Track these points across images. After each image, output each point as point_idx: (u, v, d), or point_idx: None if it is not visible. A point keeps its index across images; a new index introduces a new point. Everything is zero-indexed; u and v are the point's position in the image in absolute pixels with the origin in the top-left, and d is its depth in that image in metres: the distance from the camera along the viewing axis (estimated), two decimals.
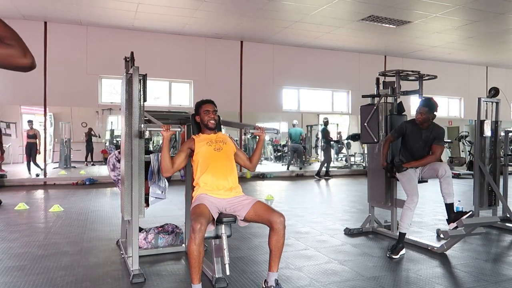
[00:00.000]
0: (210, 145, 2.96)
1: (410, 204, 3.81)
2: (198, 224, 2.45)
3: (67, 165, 12.12)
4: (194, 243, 2.44)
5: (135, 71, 3.09)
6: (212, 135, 3.06)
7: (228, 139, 3.13)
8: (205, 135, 3.06)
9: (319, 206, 6.62)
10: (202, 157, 2.92)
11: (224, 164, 2.93)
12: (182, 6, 7.94)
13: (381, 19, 8.47)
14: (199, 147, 2.95)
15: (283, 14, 8.39)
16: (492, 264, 3.53)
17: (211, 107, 3.08)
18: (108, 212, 5.77)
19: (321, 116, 12.79)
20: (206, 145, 2.95)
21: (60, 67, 9.06)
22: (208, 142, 2.97)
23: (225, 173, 2.91)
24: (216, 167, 2.90)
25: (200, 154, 2.94)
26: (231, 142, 3.11)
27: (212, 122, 3.04)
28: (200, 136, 3.06)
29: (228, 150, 3.03)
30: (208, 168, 2.88)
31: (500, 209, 5.08)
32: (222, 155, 2.96)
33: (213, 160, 2.91)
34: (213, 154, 2.94)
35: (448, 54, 11.75)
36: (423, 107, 3.87)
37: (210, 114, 3.04)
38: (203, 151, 2.93)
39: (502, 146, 5.61)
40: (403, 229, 3.82)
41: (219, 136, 3.10)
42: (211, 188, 2.84)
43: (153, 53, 9.61)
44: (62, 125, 13.25)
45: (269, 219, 2.62)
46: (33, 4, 7.82)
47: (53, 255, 3.69)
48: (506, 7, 7.66)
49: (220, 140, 3.04)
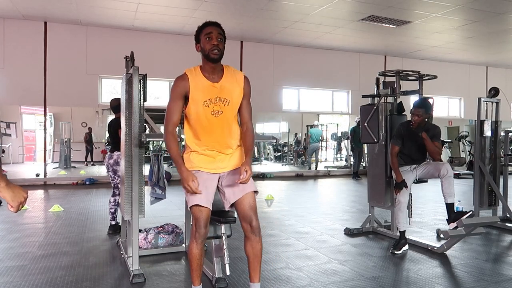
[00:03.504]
0: (207, 105, 2.27)
1: (398, 205, 3.92)
2: (199, 227, 2.28)
3: (67, 165, 12.12)
4: (195, 245, 2.32)
5: (135, 71, 3.09)
6: (215, 83, 2.28)
7: (238, 85, 2.35)
8: (203, 79, 2.27)
9: (319, 206, 6.62)
10: (194, 119, 2.31)
11: (222, 132, 2.34)
12: (182, 6, 7.94)
13: (381, 19, 8.47)
14: (194, 98, 2.26)
15: (283, 14, 8.39)
16: (492, 264, 3.53)
17: (215, 31, 2.27)
18: (108, 212, 5.76)
19: (321, 116, 12.81)
20: (202, 104, 2.26)
21: (60, 67, 9.06)
22: (207, 101, 2.26)
23: (223, 141, 2.36)
24: (212, 136, 2.33)
25: (192, 111, 2.28)
26: (240, 90, 2.36)
27: (215, 52, 2.24)
28: (197, 77, 2.27)
29: (232, 110, 2.34)
30: (202, 135, 2.33)
31: (500, 209, 5.08)
32: (221, 121, 2.32)
33: (208, 128, 2.31)
34: (209, 120, 2.29)
35: (448, 54, 11.75)
36: (419, 108, 3.83)
37: (213, 40, 2.24)
38: (197, 111, 2.27)
39: (502, 146, 5.61)
40: (401, 227, 3.93)
41: (224, 87, 2.30)
42: (205, 161, 2.35)
43: (153, 53, 9.60)
44: (62, 125, 13.25)
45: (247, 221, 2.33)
46: (33, 4, 7.82)
47: (53, 255, 3.69)
48: (506, 7, 7.66)
49: (225, 94, 2.30)
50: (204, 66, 2.31)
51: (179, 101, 2.27)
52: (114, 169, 4.40)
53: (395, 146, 4.01)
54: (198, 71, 2.29)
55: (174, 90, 2.27)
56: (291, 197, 7.92)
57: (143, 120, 3.20)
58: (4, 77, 8.74)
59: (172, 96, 2.28)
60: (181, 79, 2.27)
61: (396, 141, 4.01)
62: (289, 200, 7.33)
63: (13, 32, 8.73)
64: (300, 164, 13.12)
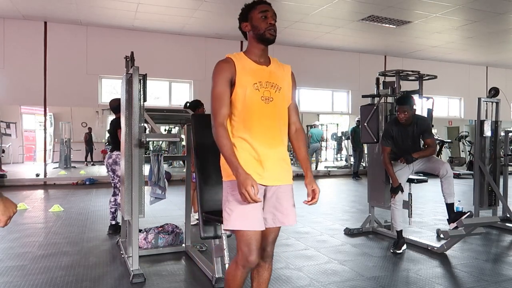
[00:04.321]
0: (257, 88, 1.90)
1: (394, 203, 3.92)
2: (252, 254, 1.85)
3: (67, 165, 12.13)
4: (240, 273, 1.90)
5: (135, 71, 3.09)
6: (263, 66, 1.96)
7: (287, 76, 2.05)
8: (250, 62, 1.94)
9: (319, 206, 6.61)
10: (242, 106, 1.89)
11: (273, 123, 1.93)
12: (182, 6, 7.94)
13: (381, 19, 8.47)
14: (241, 81, 1.88)
15: (283, 14, 8.39)
16: (492, 264, 3.53)
17: (271, 10, 1.96)
18: (108, 212, 5.76)
19: (321, 116, 12.81)
20: (252, 87, 1.89)
21: (60, 67, 9.06)
22: (257, 83, 1.90)
23: (275, 134, 1.94)
24: (263, 126, 1.90)
25: (240, 97, 1.88)
26: (289, 82, 2.04)
27: (272, 32, 1.93)
28: (243, 59, 1.94)
29: (283, 99, 1.99)
30: (252, 124, 1.89)
31: (500, 209, 5.08)
32: (273, 109, 1.93)
33: (258, 116, 1.90)
34: (259, 106, 1.90)
35: (448, 54, 11.75)
36: (404, 106, 3.78)
37: (269, 19, 1.92)
38: (246, 95, 1.88)
39: (502, 146, 5.61)
40: (397, 227, 3.94)
41: (274, 72, 1.99)
42: (254, 165, 1.87)
43: (153, 53, 9.60)
44: (62, 125, 13.26)
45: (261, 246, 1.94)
46: (33, 4, 7.82)
47: (53, 255, 3.69)
48: (506, 7, 7.66)
49: (275, 79, 1.97)
50: (252, 50, 1.97)
51: (226, 86, 1.88)
52: (113, 168, 4.41)
53: (386, 147, 3.95)
54: (243, 55, 1.96)
55: (219, 74, 1.89)
56: None
57: (143, 120, 3.19)
58: (4, 77, 8.74)
59: (217, 81, 1.88)
60: (225, 62, 1.91)
61: (386, 142, 3.96)
62: None
63: (13, 32, 8.73)
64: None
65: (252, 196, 1.73)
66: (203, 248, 3.86)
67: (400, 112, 3.81)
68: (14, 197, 6.93)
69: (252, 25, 1.94)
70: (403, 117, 3.79)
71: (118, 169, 4.35)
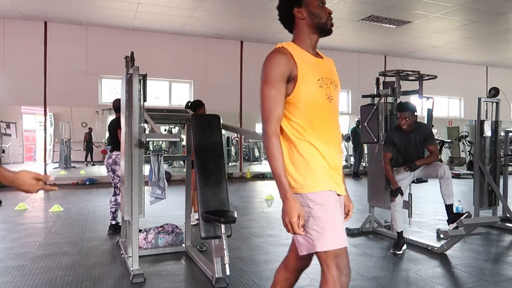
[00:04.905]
0: (321, 85, 1.63)
1: (394, 206, 3.91)
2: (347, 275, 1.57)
3: (67, 165, 12.14)
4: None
5: (135, 71, 3.09)
6: (319, 59, 1.71)
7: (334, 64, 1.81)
8: (307, 54, 1.66)
9: None
10: (308, 105, 1.60)
11: (336, 126, 1.71)
12: (182, 6, 7.94)
13: (381, 19, 8.47)
14: (305, 76, 1.59)
15: None
16: (492, 264, 3.53)
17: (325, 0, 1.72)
18: (108, 212, 5.76)
19: None
20: (316, 84, 1.62)
21: (60, 67, 9.06)
22: (320, 80, 1.63)
23: (339, 138, 1.71)
24: (329, 131, 1.65)
25: (304, 94, 1.59)
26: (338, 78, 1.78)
27: (332, 23, 1.70)
28: (298, 50, 1.64)
29: (338, 97, 1.76)
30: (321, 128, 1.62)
31: (500, 209, 5.08)
32: (335, 109, 1.70)
33: (324, 118, 1.64)
34: (325, 105, 1.64)
35: (448, 54, 11.75)
36: (406, 112, 3.77)
37: (327, 9, 1.69)
38: (313, 93, 1.61)
39: (502, 146, 5.61)
40: (398, 228, 3.94)
41: (328, 63, 1.76)
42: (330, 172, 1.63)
43: (153, 53, 9.61)
44: (62, 125, 13.26)
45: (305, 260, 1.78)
46: (33, 4, 7.82)
47: (53, 255, 3.69)
48: (506, 7, 7.66)
49: (332, 75, 1.71)
50: (304, 40, 1.68)
51: (282, 85, 1.57)
52: (112, 168, 4.41)
53: (387, 153, 3.95)
54: (296, 46, 1.65)
55: (273, 69, 1.56)
56: None
57: (143, 120, 3.19)
58: (4, 77, 8.74)
59: (273, 76, 1.56)
60: (281, 54, 1.58)
61: (388, 148, 3.95)
62: None
63: (13, 32, 8.73)
64: None
65: (296, 229, 1.50)
66: (203, 248, 3.86)
67: (401, 118, 3.80)
68: (14, 197, 6.93)
69: (310, 12, 1.66)
70: (404, 123, 3.78)
71: (118, 169, 4.36)
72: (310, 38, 1.69)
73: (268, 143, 1.55)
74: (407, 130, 3.82)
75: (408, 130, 3.83)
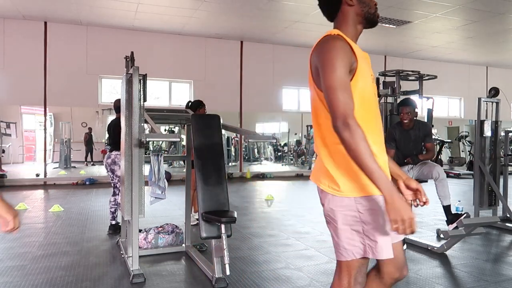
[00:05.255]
0: (373, 81, 1.55)
1: None
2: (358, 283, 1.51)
3: (67, 165, 12.14)
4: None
5: (135, 71, 3.09)
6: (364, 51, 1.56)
7: None
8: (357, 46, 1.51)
9: (319, 206, 6.59)
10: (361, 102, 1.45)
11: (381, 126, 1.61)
12: (182, 6, 7.94)
13: (381, 19, 8.47)
14: (362, 69, 1.47)
15: (283, 14, 8.39)
16: (492, 264, 3.53)
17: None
18: (108, 212, 5.76)
19: None
20: (370, 79, 1.52)
21: (60, 67, 9.06)
22: (372, 74, 1.55)
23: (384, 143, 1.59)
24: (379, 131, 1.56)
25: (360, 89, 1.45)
26: None
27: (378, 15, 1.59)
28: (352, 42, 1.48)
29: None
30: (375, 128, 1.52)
31: (500, 209, 5.08)
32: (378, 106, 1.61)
33: (376, 116, 1.54)
34: (375, 102, 1.56)
35: (448, 54, 11.76)
36: (406, 107, 3.84)
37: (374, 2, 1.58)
38: (367, 89, 1.49)
39: (502, 146, 5.61)
40: None
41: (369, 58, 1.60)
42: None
43: (153, 53, 9.61)
44: (62, 125, 13.26)
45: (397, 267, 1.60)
46: (33, 4, 7.82)
47: (53, 255, 3.69)
48: (506, 7, 7.67)
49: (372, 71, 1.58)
50: (349, 30, 1.53)
51: (348, 72, 1.41)
52: (111, 168, 4.41)
53: (390, 149, 3.92)
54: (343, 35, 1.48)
55: (341, 55, 1.39)
56: (291, 197, 7.92)
57: (143, 120, 3.19)
58: (4, 77, 8.74)
59: (340, 64, 1.38)
60: (343, 42, 1.43)
61: (390, 145, 3.94)
62: (289, 200, 7.32)
63: (13, 32, 8.73)
64: (300, 164, 13.13)
65: (414, 227, 1.29)
66: (203, 248, 3.86)
67: (403, 113, 3.86)
68: (14, 197, 6.93)
69: (363, 2, 1.52)
70: (406, 118, 3.84)
71: (117, 169, 4.36)
72: (357, 29, 1.55)
73: (355, 135, 1.31)
74: (407, 126, 3.88)
75: (408, 126, 3.89)
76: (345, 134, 1.32)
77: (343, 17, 1.53)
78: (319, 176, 1.53)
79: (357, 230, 1.45)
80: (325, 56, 1.40)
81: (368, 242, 1.44)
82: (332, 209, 1.49)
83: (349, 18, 1.53)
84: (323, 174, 1.51)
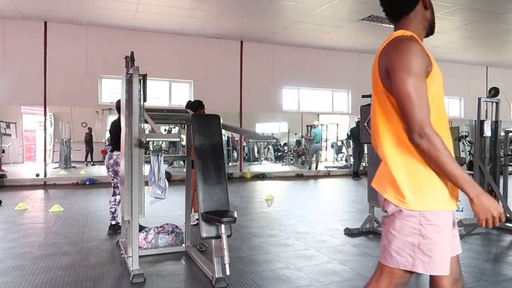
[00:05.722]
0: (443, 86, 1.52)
1: None
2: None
3: (67, 165, 12.13)
4: None
5: (135, 71, 3.09)
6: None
7: None
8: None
9: (319, 206, 6.62)
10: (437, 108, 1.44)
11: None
12: (182, 6, 7.94)
13: (381, 19, 8.47)
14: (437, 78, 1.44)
15: (283, 14, 8.39)
16: (492, 264, 3.53)
17: None
18: (108, 212, 5.76)
19: (321, 116, 12.81)
20: (442, 83, 1.48)
21: (60, 67, 9.06)
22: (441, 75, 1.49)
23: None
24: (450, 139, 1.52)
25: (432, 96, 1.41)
26: None
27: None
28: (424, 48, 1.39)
29: None
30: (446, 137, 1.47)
31: None
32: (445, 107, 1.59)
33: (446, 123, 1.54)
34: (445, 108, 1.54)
35: (448, 54, 11.75)
36: None
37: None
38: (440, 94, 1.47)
39: (502, 146, 5.61)
40: None
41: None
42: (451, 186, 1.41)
43: (153, 53, 9.61)
44: (62, 125, 13.26)
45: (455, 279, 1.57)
46: (33, 4, 7.82)
47: (53, 255, 3.69)
48: (506, 7, 7.66)
49: None
50: (418, 33, 1.48)
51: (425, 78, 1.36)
52: (114, 169, 4.40)
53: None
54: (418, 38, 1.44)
55: (418, 60, 1.33)
56: (291, 197, 7.92)
57: (143, 120, 3.20)
58: (4, 77, 8.74)
59: (416, 70, 1.32)
60: (417, 43, 1.37)
61: None
62: (289, 200, 7.32)
63: (13, 32, 8.73)
64: (300, 164, 13.14)
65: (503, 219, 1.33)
66: (203, 248, 3.86)
67: None
68: (14, 197, 6.93)
69: (430, 6, 1.50)
70: None
71: (119, 169, 4.35)
72: (421, 35, 1.50)
73: (436, 144, 1.30)
74: None
75: None
76: (423, 145, 1.31)
77: (415, 18, 1.48)
78: (384, 185, 1.49)
79: (411, 242, 1.39)
80: (399, 59, 1.33)
81: (421, 257, 1.39)
82: (393, 216, 1.44)
83: (421, 21, 1.49)
84: (388, 183, 1.46)
